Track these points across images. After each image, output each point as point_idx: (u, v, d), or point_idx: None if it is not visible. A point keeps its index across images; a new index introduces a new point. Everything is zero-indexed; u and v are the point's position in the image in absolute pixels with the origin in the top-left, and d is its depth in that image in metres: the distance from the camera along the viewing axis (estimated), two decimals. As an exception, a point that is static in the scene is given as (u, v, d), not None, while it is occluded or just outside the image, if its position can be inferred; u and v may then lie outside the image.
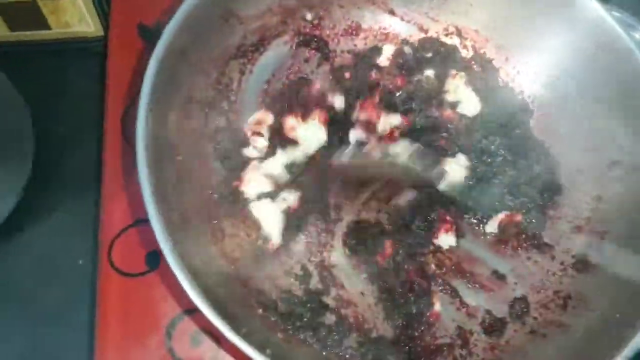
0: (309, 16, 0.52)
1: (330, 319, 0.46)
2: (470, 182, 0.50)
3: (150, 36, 0.55)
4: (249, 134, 0.50)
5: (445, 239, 0.50)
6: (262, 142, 0.50)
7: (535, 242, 0.50)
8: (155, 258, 0.48)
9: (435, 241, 0.50)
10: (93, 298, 0.48)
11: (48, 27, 0.56)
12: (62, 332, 0.49)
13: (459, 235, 0.50)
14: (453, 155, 0.51)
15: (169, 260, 0.37)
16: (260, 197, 0.48)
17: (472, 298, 0.48)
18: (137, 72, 0.54)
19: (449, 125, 0.52)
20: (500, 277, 0.49)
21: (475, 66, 0.54)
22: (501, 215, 0.50)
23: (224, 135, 0.49)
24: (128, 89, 0.54)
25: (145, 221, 0.46)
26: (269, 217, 0.47)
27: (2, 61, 0.42)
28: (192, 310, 0.46)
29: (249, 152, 0.50)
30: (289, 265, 0.47)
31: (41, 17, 0.55)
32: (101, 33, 0.58)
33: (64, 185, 0.55)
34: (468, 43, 0.54)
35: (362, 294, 0.48)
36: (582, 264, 0.48)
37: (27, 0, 0.53)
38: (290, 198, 0.49)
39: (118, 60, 0.55)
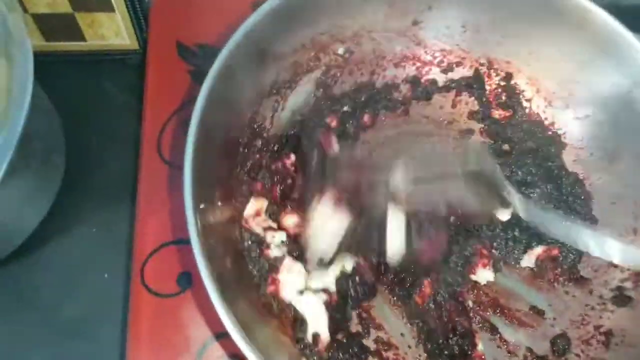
0: (340, 50, 0.52)
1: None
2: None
3: (189, 56, 0.55)
4: (258, 230, 0.47)
5: (483, 275, 0.49)
6: (279, 237, 0.47)
7: (572, 275, 0.49)
8: (187, 279, 0.48)
9: (473, 277, 0.49)
10: (120, 313, 0.49)
11: (84, 39, 0.56)
12: (87, 346, 0.49)
13: (496, 269, 0.49)
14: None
15: (205, 281, 0.36)
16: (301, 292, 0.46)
17: (512, 335, 0.48)
18: (174, 90, 0.54)
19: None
20: (538, 312, 0.48)
21: (504, 96, 0.54)
22: (538, 250, 0.50)
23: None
24: (166, 108, 0.53)
25: (179, 242, 0.49)
26: (314, 312, 0.45)
27: (35, 71, 0.41)
28: (222, 335, 0.46)
29: (272, 253, 0.47)
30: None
31: (77, 29, 0.55)
32: (137, 47, 0.57)
33: (94, 199, 0.54)
34: (500, 73, 0.54)
35: (402, 335, 0.47)
36: (621, 298, 0.47)
37: (65, 13, 0.52)
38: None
39: (156, 78, 0.55)
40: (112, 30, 0.55)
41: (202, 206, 0.40)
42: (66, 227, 0.53)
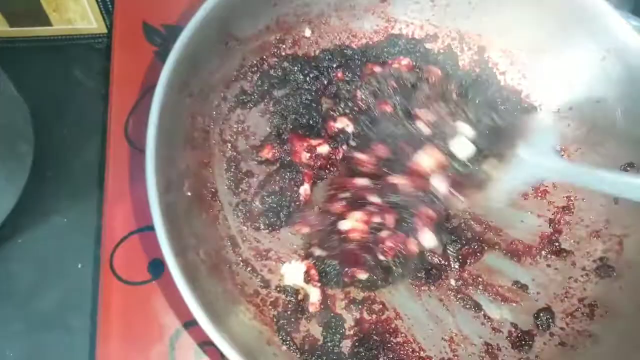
0: (307, 32, 0.51)
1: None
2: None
3: (155, 37, 0.54)
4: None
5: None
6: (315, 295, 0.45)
7: (554, 248, 0.49)
8: (158, 267, 0.47)
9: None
10: (93, 303, 0.48)
11: (49, 24, 0.54)
12: (61, 336, 0.48)
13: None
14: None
15: (171, 269, 0.36)
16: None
17: (496, 311, 0.46)
18: (141, 74, 0.52)
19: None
20: (521, 287, 0.47)
21: (477, 69, 0.53)
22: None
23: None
24: (132, 91, 0.52)
25: (150, 228, 0.47)
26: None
27: (0, 58, 0.39)
28: (193, 323, 0.44)
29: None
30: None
31: (43, 14, 0.53)
32: (104, 30, 0.56)
33: (64, 187, 0.53)
34: (472, 47, 0.53)
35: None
36: (603, 269, 0.46)
37: (29, -3, 0.50)
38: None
39: (122, 61, 0.53)
40: (78, 14, 0.53)
41: (169, 194, 0.38)
42: (37, 217, 0.51)
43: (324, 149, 0.49)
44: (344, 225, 0.45)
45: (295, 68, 0.50)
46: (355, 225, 0.44)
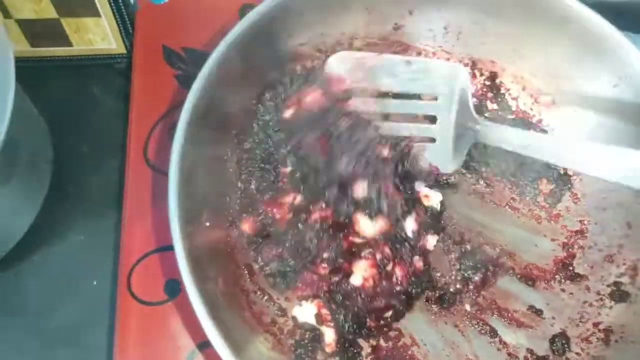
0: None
1: None
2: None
3: (175, 60, 0.55)
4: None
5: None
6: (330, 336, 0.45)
7: (568, 272, 0.49)
8: (174, 287, 0.47)
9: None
10: (109, 320, 0.49)
11: (70, 44, 0.56)
12: (76, 353, 0.48)
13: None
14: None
15: (188, 290, 0.36)
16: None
17: (511, 337, 0.46)
18: (161, 96, 0.53)
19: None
20: (536, 312, 0.47)
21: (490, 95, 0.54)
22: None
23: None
24: (152, 113, 0.53)
25: (167, 249, 0.48)
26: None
27: (20, 76, 0.41)
28: (208, 344, 0.43)
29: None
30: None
31: (63, 35, 0.54)
32: (124, 51, 0.57)
33: (82, 205, 0.54)
34: (484, 73, 0.54)
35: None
36: (618, 294, 0.46)
37: (51, 18, 0.52)
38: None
39: (142, 83, 0.54)
40: (98, 35, 0.55)
41: (189, 223, 0.39)
42: (54, 234, 0.52)
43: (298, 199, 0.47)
44: (356, 280, 0.45)
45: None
46: (366, 274, 0.45)
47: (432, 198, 0.50)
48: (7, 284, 0.50)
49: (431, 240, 0.49)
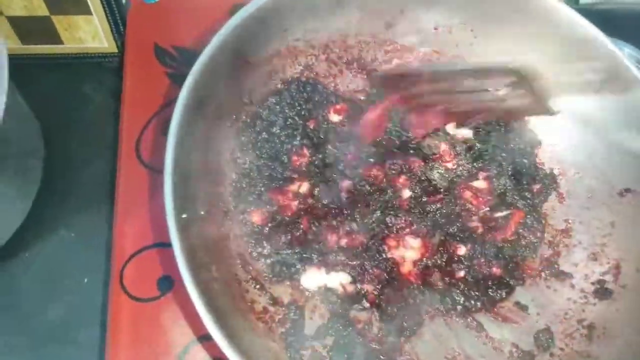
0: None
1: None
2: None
3: (166, 59, 0.55)
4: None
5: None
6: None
7: (553, 270, 0.50)
8: (167, 283, 0.48)
9: None
10: (99, 318, 0.48)
11: (61, 42, 0.56)
12: (67, 350, 0.48)
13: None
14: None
15: (188, 286, 0.36)
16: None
17: (497, 331, 0.47)
18: (152, 94, 0.53)
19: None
20: (522, 307, 0.48)
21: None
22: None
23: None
24: (144, 111, 0.53)
25: (159, 245, 0.48)
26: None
27: (11, 73, 0.41)
28: (205, 338, 0.45)
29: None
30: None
31: (54, 33, 0.54)
32: (115, 50, 0.57)
33: (73, 202, 0.54)
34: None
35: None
36: (602, 291, 0.48)
37: (42, 16, 0.52)
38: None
39: (134, 81, 0.54)
40: (89, 34, 0.55)
41: (183, 212, 0.39)
42: (45, 231, 0.52)
43: (304, 187, 0.49)
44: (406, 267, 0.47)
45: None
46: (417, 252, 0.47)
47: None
48: (-1, 281, 0.50)
49: None
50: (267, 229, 0.47)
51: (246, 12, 0.44)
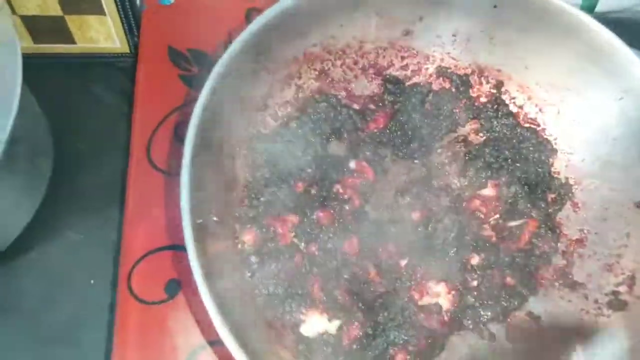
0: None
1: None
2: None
3: (180, 61, 0.55)
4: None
5: None
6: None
7: (567, 280, 0.49)
8: (175, 286, 0.47)
9: None
10: (105, 320, 0.48)
11: (73, 42, 0.55)
12: (73, 351, 0.48)
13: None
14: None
15: (201, 291, 0.36)
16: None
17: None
18: (165, 96, 0.53)
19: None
20: (535, 318, 0.48)
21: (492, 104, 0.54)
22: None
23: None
24: (156, 113, 0.53)
25: (168, 248, 0.48)
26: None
27: (23, 73, 0.41)
28: (214, 342, 0.45)
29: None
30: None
31: (67, 32, 0.54)
32: (127, 50, 0.57)
33: (82, 204, 0.53)
34: (490, 81, 0.54)
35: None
36: (616, 302, 0.47)
37: (55, 15, 0.52)
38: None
39: (146, 82, 0.54)
40: (102, 34, 0.54)
41: (199, 217, 0.39)
42: (52, 232, 0.52)
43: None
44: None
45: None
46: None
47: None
48: (4, 281, 0.50)
49: None
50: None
51: (266, 18, 0.44)
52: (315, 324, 0.44)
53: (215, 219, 0.43)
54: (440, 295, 0.47)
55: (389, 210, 0.49)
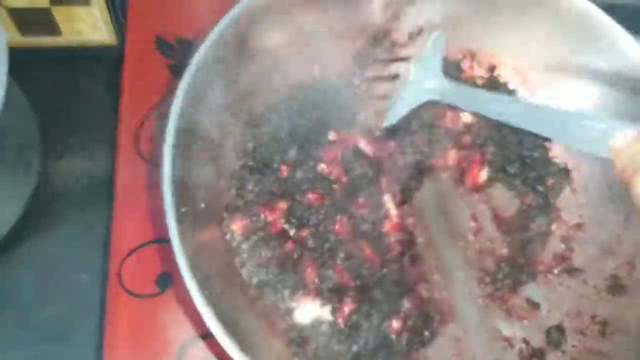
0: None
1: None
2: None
3: (168, 50, 0.54)
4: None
5: None
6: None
7: (566, 266, 0.49)
8: (166, 279, 0.47)
9: None
10: (97, 314, 0.48)
11: (59, 34, 0.55)
12: (65, 346, 0.48)
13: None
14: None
15: (187, 281, 0.35)
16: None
17: (508, 328, 0.46)
18: (153, 85, 0.53)
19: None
20: (533, 305, 0.47)
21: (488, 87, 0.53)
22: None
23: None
24: (144, 104, 0.52)
25: (159, 241, 0.47)
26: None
27: (10, 66, 0.41)
28: (205, 336, 0.45)
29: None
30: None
31: (54, 24, 0.54)
32: (115, 42, 0.56)
33: (72, 197, 0.53)
34: (482, 65, 0.53)
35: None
36: (615, 287, 0.46)
37: (41, 7, 0.51)
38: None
39: (134, 73, 0.53)
40: (89, 25, 0.54)
41: (183, 205, 0.38)
42: (42, 226, 0.51)
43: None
44: None
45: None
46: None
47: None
48: (-7, 276, 0.49)
49: None
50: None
51: (246, 3, 0.43)
52: (308, 310, 0.44)
53: (202, 205, 0.42)
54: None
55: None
